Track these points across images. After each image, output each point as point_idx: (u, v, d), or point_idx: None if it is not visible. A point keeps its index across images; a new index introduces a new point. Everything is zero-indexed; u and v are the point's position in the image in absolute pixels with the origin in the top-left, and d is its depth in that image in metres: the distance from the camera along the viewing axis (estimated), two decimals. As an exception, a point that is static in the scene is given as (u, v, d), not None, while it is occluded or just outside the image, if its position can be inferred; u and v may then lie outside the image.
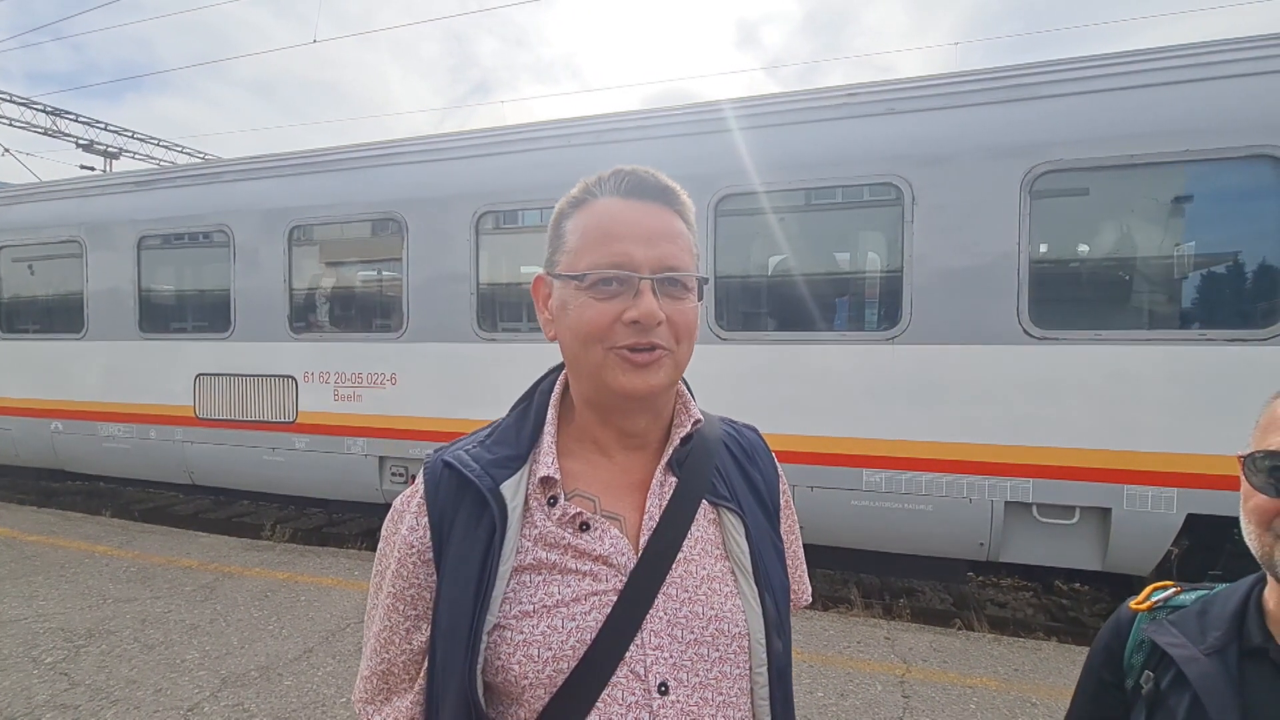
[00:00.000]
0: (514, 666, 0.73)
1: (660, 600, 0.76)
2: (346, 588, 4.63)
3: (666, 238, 0.78)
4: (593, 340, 0.77)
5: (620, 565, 0.76)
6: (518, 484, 0.79)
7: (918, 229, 4.04)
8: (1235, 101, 3.57)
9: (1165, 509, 3.65)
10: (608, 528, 0.78)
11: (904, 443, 4.07)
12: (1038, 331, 3.83)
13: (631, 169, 0.81)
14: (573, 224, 0.81)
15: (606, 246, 0.77)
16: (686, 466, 0.83)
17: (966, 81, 4.12)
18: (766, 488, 0.92)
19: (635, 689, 0.73)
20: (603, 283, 0.76)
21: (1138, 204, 3.94)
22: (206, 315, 6.14)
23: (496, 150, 5.12)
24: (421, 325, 5.21)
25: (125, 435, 6.27)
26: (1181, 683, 0.81)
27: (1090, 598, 5.13)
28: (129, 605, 4.31)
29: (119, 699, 3.21)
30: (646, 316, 0.75)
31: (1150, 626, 0.88)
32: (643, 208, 0.79)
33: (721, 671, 0.77)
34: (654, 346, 0.76)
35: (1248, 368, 3.50)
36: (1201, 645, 0.81)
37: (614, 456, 0.84)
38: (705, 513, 0.83)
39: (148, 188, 6.39)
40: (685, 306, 0.79)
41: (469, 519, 0.78)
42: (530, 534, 0.78)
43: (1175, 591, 0.91)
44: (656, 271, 0.76)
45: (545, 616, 0.74)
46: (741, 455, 0.92)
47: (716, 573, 0.80)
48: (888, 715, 3.13)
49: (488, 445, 0.83)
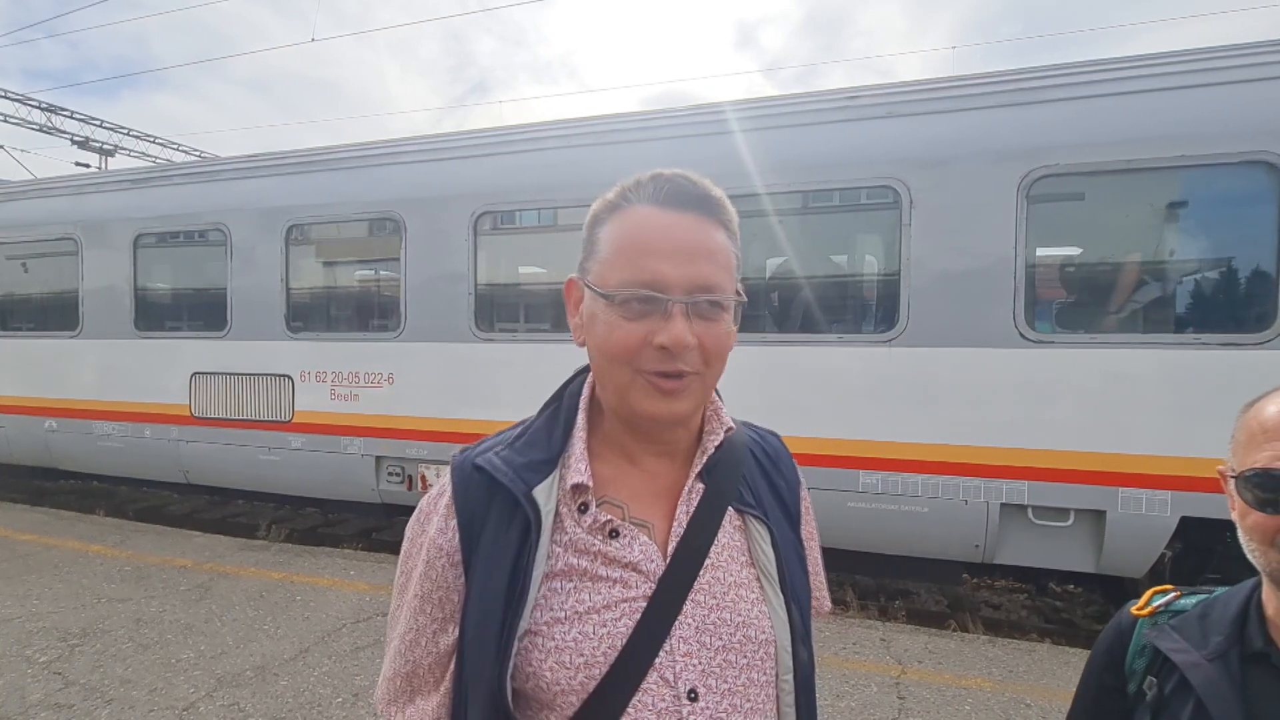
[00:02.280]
0: (546, 673, 0.73)
1: (689, 607, 0.75)
2: (342, 588, 4.62)
3: (703, 254, 0.74)
4: (619, 361, 0.75)
5: (649, 572, 0.76)
6: (550, 489, 0.78)
7: (915, 232, 4.06)
8: (1231, 108, 3.59)
9: (1160, 512, 3.67)
10: (637, 534, 0.78)
11: (901, 444, 4.09)
12: (1034, 335, 3.85)
13: (672, 174, 0.76)
14: (607, 232, 0.77)
15: (637, 263, 0.73)
16: (715, 474, 0.83)
17: (965, 85, 4.14)
18: (789, 494, 0.92)
19: (665, 695, 0.73)
20: (632, 302, 0.73)
21: (1134, 209, 3.96)
22: (202, 314, 6.12)
23: (496, 150, 5.12)
24: (419, 325, 5.20)
25: (120, 434, 6.25)
26: (1185, 688, 0.81)
27: (1083, 600, 5.15)
28: (123, 605, 4.29)
29: (113, 698, 3.20)
30: (675, 343, 0.71)
31: (1152, 632, 0.89)
32: (680, 219, 0.74)
33: (749, 679, 0.77)
34: (681, 374, 0.74)
35: (1242, 372, 3.52)
36: (1204, 650, 0.81)
37: (642, 463, 0.83)
38: (731, 519, 0.83)
39: (144, 185, 6.37)
40: (719, 330, 0.75)
41: (499, 523, 0.77)
42: (561, 540, 0.77)
43: (1175, 596, 0.92)
44: (690, 293, 0.72)
45: (577, 623, 0.74)
46: (766, 462, 0.92)
47: (743, 580, 0.80)
48: (883, 716, 3.14)
49: (518, 448, 0.82)
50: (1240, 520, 0.80)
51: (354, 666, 3.54)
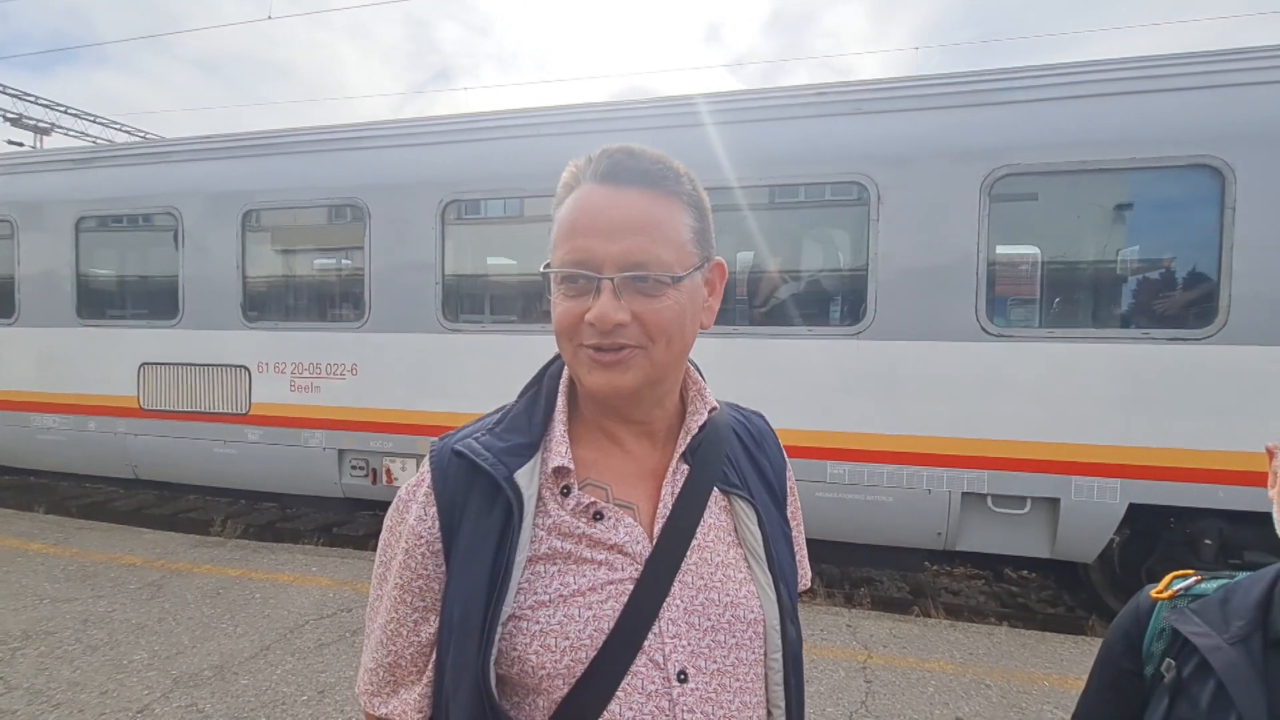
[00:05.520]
0: (531, 657, 0.71)
1: (676, 588, 0.75)
2: (304, 584, 4.49)
3: (635, 229, 0.72)
4: (564, 337, 0.76)
5: (635, 554, 0.75)
6: (531, 472, 0.77)
7: (883, 227, 4.14)
8: (1179, 113, 3.76)
9: (1109, 499, 3.84)
10: (621, 516, 0.77)
11: (867, 435, 4.18)
12: (994, 329, 3.98)
13: (616, 149, 0.76)
14: (559, 213, 0.78)
15: (571, 241, 0.73)
16: (699, 455, 0.82)
17: (931, 85, 4.23)
18: (775, 475, 0.92)
19: (655, 677, 0.72)
20: (569, 280, 0.74)
21: (1088, 209, 4.12)
22: (152, 302, 5.85)
23: (465, 138, 5.01)
24: (384, 315, 5.08)
25: (62, 426, 5.94)
26: (1205, 671, 0.81)
27: (1038, 585, 5.37)
28: (68, 605, 4.09)
29: (60, 702, 3.05)
30: (599, 320, 0.71)
31: (1172, 615, 0.88)
32: (616, 195, 0.73)
33: (738, 658, 0.77)
34: (620, 346, 0.73)
35: (1188, 366, 3.71)
36: (1225, 634, 0.81)
37: (625, 445, 0.83)
38: (717, 500, 0.82)
39: (87, 166, 6.04)
40: (661, 304, 0.73)
41: (480, 508, 0.76)
42: (544, 523, 0.76)
43: (1196, 580, 0.91)
44: (620, 269, 0.71)
45: (562, 606, 0.73)
46: (750, 442, 0.92)
47: (730, 560, 0.80)
48: (851, 700, 3.21)
49: (498, 433, 0.81)
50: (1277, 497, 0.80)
51: (319, 663, 3.45)
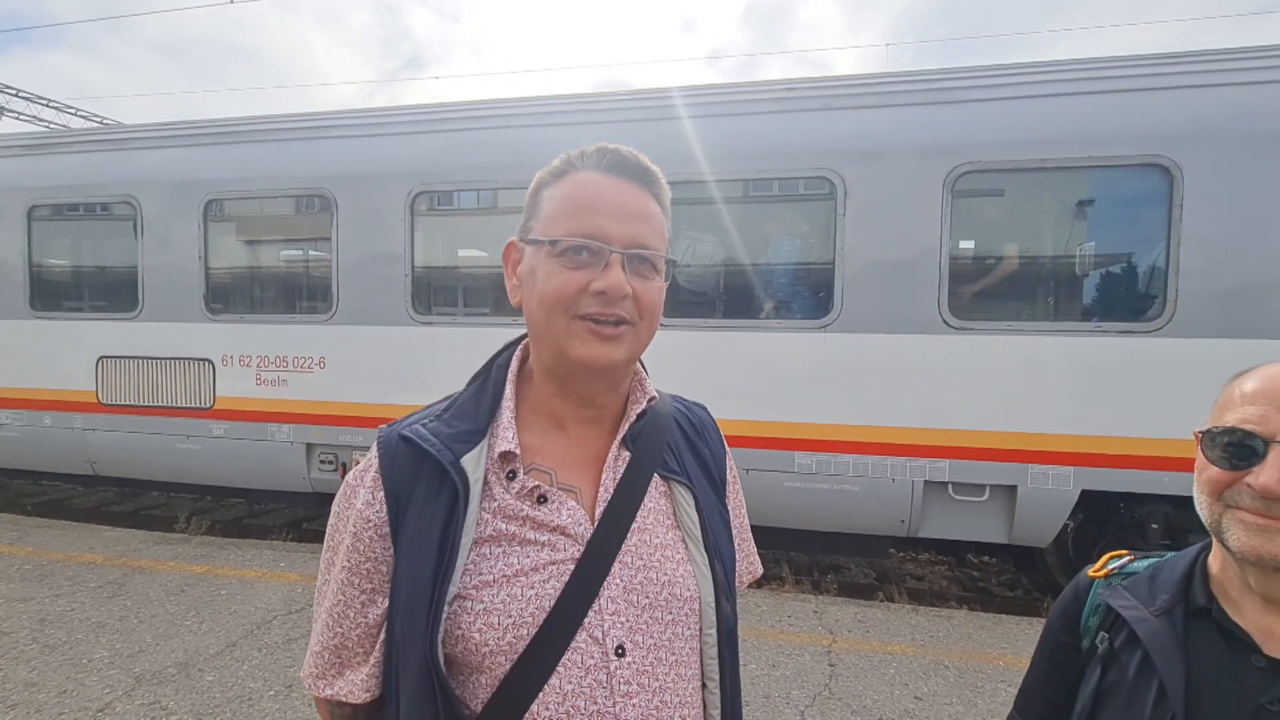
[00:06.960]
0: (474, 635, 0.74)
1: (616, 568, 0.79)
2: (272, 579, 4.44)
3: (640, 217, 0.80)
4: (558, 308, 0.78)
5: (577, 535, 0.79)
6: (478, 458, 0.80)
7: (850, 222, 4.22)
8: (1132, 113, 3.89)
9: (1063, 486, 3.99)
10: (564, 499, 0.80)
11: (834, 426, 4.26)
12: (956, 322, 4.08)
13: (615, 147, 0.83)
14: (550, 193, 0.82)
15: (581, 217, 0.78)
16: (640, 442, 0.86)
17: (897, 82, 4.31)
18: (715, 463, 0.96)
19: (594, 652, 0.76)
20: (574, 251, 0.78)
21: (1046, 205, 4.25)
22: (110, 294, 5.68)
23: (435, 128, 4.96)
24: (352, 307, 5.01)
25: (15, 422, 5.75)
26: (1133, 641, 0.88)
27: (998, 569, 5.54)
28: (24, 605, 3.99)
29: (16, 702, 2.98)
30: (613, 288, 0.76)
31: (1105, 591, 0.95)
32: (621, 185, 0.81)
33: (674, 633, 0.81)
34: (619, 320, 0.78)
35: (1137, 358, 3.85)
36: (1151, 607, 0.88)
37: (570, 430, 0.86)
38: (657, 485, 0.86)
39: (41, 152, 5.82)
40: (651, 285, 0.81)
41: (427, 493, 0.78)
42: (490, 507, 0.79)
43: (1129, 560, 0.99)
44: (628, 248, 0.78)
45: (505, 585, 0.75)
46: (691, 432, 0.96)
47: (668, 541, 0.84)
48: (815, 682, 3.30)
49: (445, 420, 0.84)
50: (1197, 476, 0.85)
51: (286, 658, 3.42)
